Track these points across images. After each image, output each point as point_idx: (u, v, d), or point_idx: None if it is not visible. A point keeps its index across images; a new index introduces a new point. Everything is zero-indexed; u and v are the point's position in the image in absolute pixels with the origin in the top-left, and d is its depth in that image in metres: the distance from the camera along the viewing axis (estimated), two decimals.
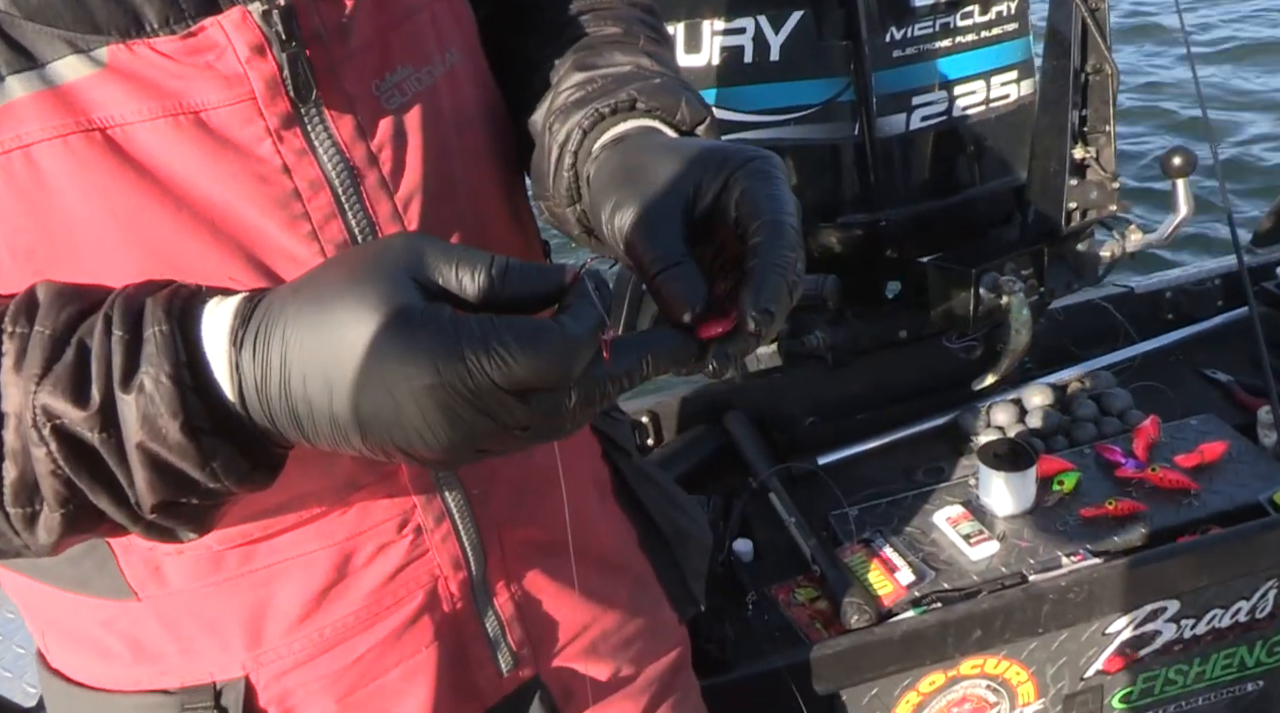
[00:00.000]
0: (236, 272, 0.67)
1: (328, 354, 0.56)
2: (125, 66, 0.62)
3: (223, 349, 0.58)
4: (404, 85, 0.73)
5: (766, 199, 0.64)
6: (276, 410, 0.58)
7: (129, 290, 0.59)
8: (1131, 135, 5.02)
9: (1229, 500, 1.61)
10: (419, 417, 0.55)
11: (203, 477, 0.58)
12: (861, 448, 1.82)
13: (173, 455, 0.57)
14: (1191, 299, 2.11)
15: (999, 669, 1.52)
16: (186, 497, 0.59)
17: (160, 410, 0.56)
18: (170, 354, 0.57)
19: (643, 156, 0.70)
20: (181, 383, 0.57)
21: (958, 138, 1.72)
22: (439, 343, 0.54)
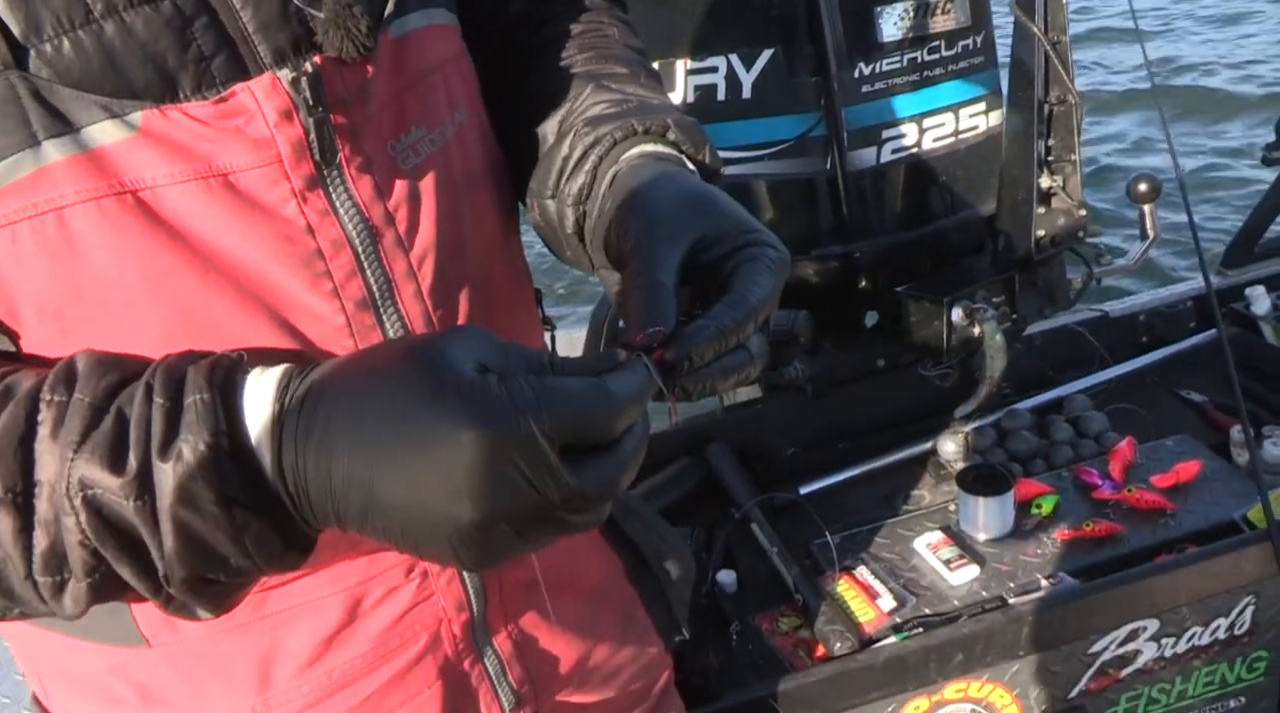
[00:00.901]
0: (261, 329, 0.69)
1: (371, 426, 0.56)
2: (158, 131, 0.64)
3: (264, 421, 0.58)
4: (418, 146, 0.75)
5: (751, 281, 0.67)
6: (313, 490, 0.57)
7: (171, 359, 0.60)
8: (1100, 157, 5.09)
9: (1204, 519, 1.63)
10: (463, 487, 0.54)
11: (234, 552, 0.58)
12: (842, 477, 1.84)
13: (206, 526, 0.57)
14: (1165, 322, 2.14)
15: (983, 693, 1.54)
16: (215, 573, 0.59)
17: (197, 478, 0.56)
18: (210, 422, 0.57)
19: (667, 183, 0.73)
20: (220, 451, 0.56)
21: (928, 170, 1.76)
22: (490, 404, 0.54)
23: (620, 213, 0.73)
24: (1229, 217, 4.35)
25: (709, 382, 0.65)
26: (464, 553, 0.57)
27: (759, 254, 0.68)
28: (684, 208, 0.71)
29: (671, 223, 0.70)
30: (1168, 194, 1.93)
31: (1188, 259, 3.79)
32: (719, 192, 0.75)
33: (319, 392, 0.58)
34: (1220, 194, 4.78)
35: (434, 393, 0.55)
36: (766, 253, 0.69)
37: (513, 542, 0.57)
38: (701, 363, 0.64)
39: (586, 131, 0.79)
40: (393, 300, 0.75)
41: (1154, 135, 5.38)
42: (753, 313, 0.66)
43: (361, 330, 0.73)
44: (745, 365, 0.67)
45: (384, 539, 0.58)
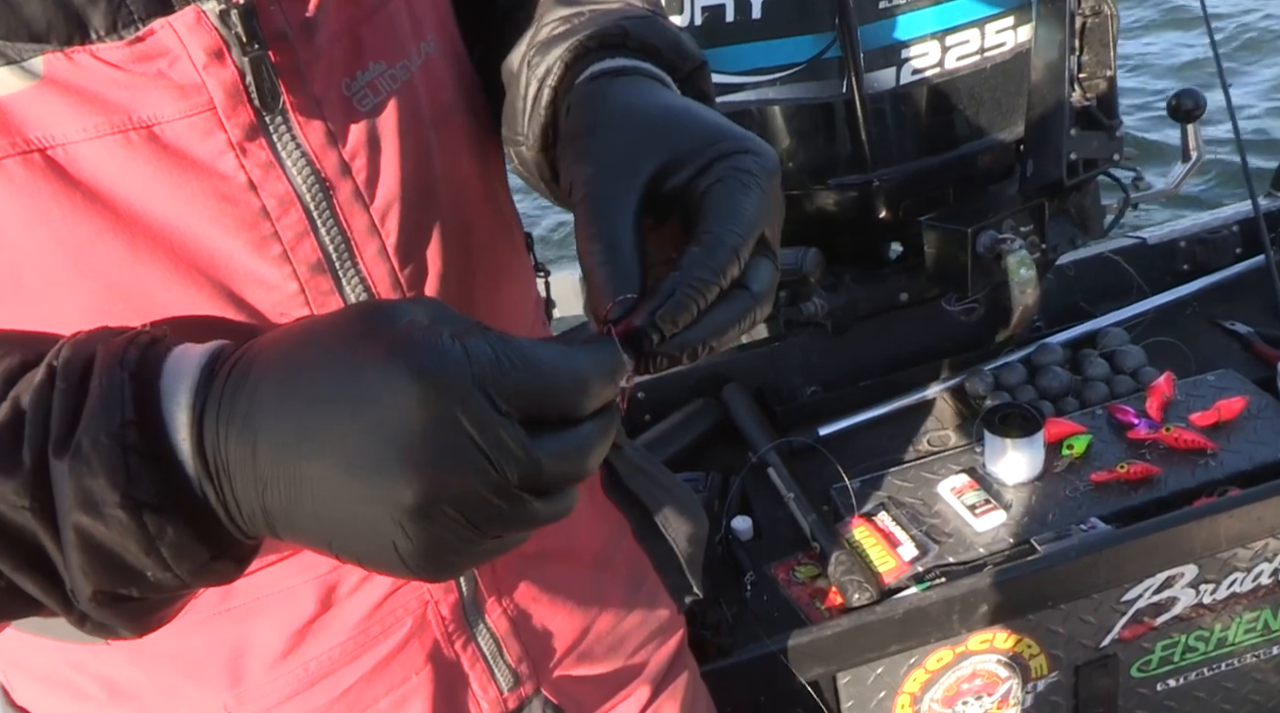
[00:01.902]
0: (202, 302, 0.61)
1: (302, 392, 0.48)
2: (64, 78, 0.55)
3: (184, 405, 0.49)
4: (377, 83, 0.66)
5: (725, 209, 0.57)
6: (237, 477, 0.49)
7: (81, 336, 0.52)
8: (1136, 80, 4.90)
9: (1248, 460, 1.54)
10: (403, 453, 0.46)
11: (149, 564, 0.49)
12: (863, 417, 1.76)
13: (112, 535, 0.48)
14: (1208, 248, 2.02)
15: (1009, 644, 1.47)
16: (129, 588, 0.50)
17: (98, 478, 0.47)
18: (114, 409, 0.48)
19: (618, 110, 0.63)
20: (125, 445, 0.48)
21: (951, 91, 1.65)
22: (439, 355, 0.47)
23: (566, 159, 0.63)
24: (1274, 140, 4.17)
25: (700, 344, 0.56)
26: (406, 545, 0.48)
27: (733, 168, 0.58)
28: (638, 135, 0.61)
29: (624, 158, 0.60)
30: (1211, 113, 1.80)
31: (1233, 184, 3.63)
32: (684, 102, 0.65)
33: (250, 358, 0.50)
34: (1270, 113, 4.58)
35: (376, 342, 0.48)
36: (741, 163, 0.59)
37: (465, 535, 0.48)
38: (677, 329, 0.55)
39: (537, 61, 0.69)
40: (353, 261, 0.66)
41: (1196, 50, 5.16)
42: (734, 250, 0.56)
43: (318, 297, 0.65)
44: (746, 312, 0.58)
45: (314, 538, 0.50)
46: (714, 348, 0.57)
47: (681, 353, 0.56)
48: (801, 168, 1.69)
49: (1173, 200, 1.94)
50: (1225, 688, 1.60)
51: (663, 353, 0.55)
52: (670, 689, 1.00)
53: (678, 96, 0.67)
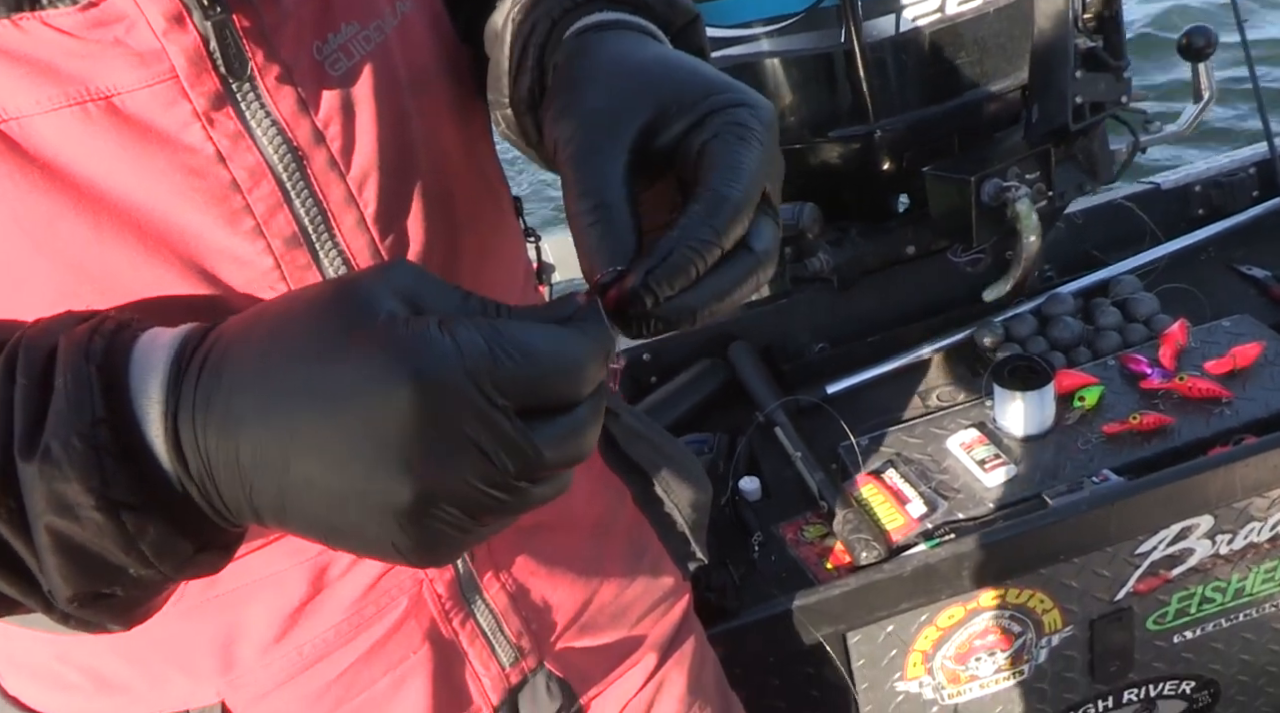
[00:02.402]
0: (173, 281, 0.59)
1: (283, 386, 0.45)
2: (13, 48, 0.53)
3: (156, 400, 0.47)
4: (350, 46, 0.63)
5: (725, 165, 0.54)
6: (221, 475, 0.47)
7: (40, 325, 0.49)
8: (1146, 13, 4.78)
9: (1265, 407, 1.51)
10: (400, 456, 0.45)
11: (130, 562, 0.47)
12: (871, 373, 1.74)
13: (89, 536, 0.46)
14: (1223, 192, 1.97)
15: (1021, 599, 1.45)
16: (110, 586, 0.48)
17: (70, 481, 0.45)
18: (84, 407, 0.46)
19: (605, 63, 0.60)
20: (98, 445, 0.46)
21: (954, 37, 1.60)
22: (431, 352, 0.45)
23: (550, 117, 0.60)
24: None
25: (701, 310, 0.53)
26: (404, 542, 0.47)
27: (730, 122, 0.55)
28: (625, 88, 0.58)
29: (610, 112, 0.57)
30: (1225, 49, 1.75)
31: (1248, 124, 3.55)
32: (675, 54, 0.62)
33: (222, 351, 0.48)
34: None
35: (360, 341, 0.45)
36: (738, 117, 0.55)
37: (463, 525, 0.47)
38: (673, 293, 0.52)
39: (520, 17, 0.66)
40: (330, 234, 0.64)
41: None
42: (737, 208, 0.53)
43: (295, 272, 0.63)
44: (749, 274, 0.54)
45: (308, 532, 0.48)
46: (714, 313, 0.54)
47: (680, 319, 0.53)
48: (802, 121, 1.66)
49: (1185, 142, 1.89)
50: (1244, 638, 1.58)
51: (658, 317, 0.52)
52: (677, 656, 0.98)
53: (669, 49, 0.64)
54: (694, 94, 0.57)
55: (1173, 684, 1.60)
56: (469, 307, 0.49)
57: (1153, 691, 1.59)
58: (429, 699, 0.79)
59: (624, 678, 0.93)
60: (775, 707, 1.44)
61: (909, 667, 1.46)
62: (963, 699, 1.51)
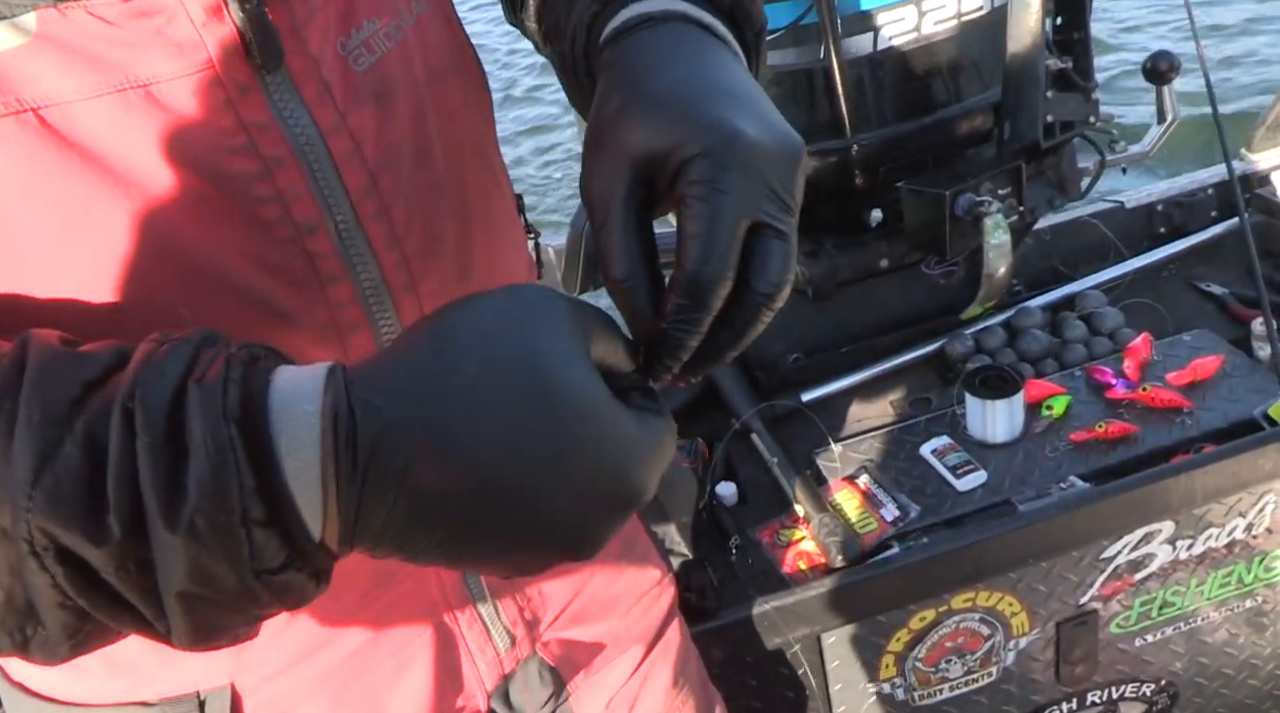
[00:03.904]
0: (202, 265, 0.61)
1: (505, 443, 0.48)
2: (58, 35, 0.54)
3: (314, 463, 0.45)
4: (371, 42, 0.67)
5: (694, 238, 0.53)
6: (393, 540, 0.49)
7: (149, 355, 0.46)
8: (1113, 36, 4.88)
9: (1223, 417, 1.56)
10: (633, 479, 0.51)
11: (254, 613, 0.48)
12: (846, 382, 1.78)
13: (226, 599, 0.46)
14: (1184, 211, 2.04)
15: (991, 602, 1.49)
16: (235, 630, 0.49)
17: (219, 563, 0.44)
18: (228, 479, 0.43)
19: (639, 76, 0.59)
20: (247, 521, 0.44)
21: (929, 55, 1.65)
22: (637, 448, 0.51)
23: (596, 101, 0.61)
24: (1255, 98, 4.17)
25: (720, 357, 0.57)
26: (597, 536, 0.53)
27: (693, 180, 0.54)
28: (637, 114, 0.57)
29: (620, 141, 0.56)
30: (1188, 71, 1.81)
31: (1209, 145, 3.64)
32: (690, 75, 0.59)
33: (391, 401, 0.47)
34: (1245, 77, 4.59)
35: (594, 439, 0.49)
36: (699, 171, 0.53)
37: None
38: (681, 362, 0.55)
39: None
40: (352, 219, 0.66)
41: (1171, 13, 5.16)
42: (711, 282, 0.53)
43: (318, 256, 0.65)
44: (758, 311, 0.55)
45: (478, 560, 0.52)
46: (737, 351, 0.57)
47: (703, 370, 0.57)
48: None
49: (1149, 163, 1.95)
50: (1201, 642, 1.63)
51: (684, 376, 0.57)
52: (662, 649, 1.01)
53: (695, 66, 0.60)
54: (683, 136, 0.55)
55: (1134, 687, 1.64)
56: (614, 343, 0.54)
57: (1115, 693, 1.64)
58: (430, 683, 0.81)
59: (611, 668, 0.96)
60: (751, 707, 1.47)
61: (882, 668, 1.50)
62: (933, 701, 1.55)
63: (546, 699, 0.89)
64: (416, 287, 0.70)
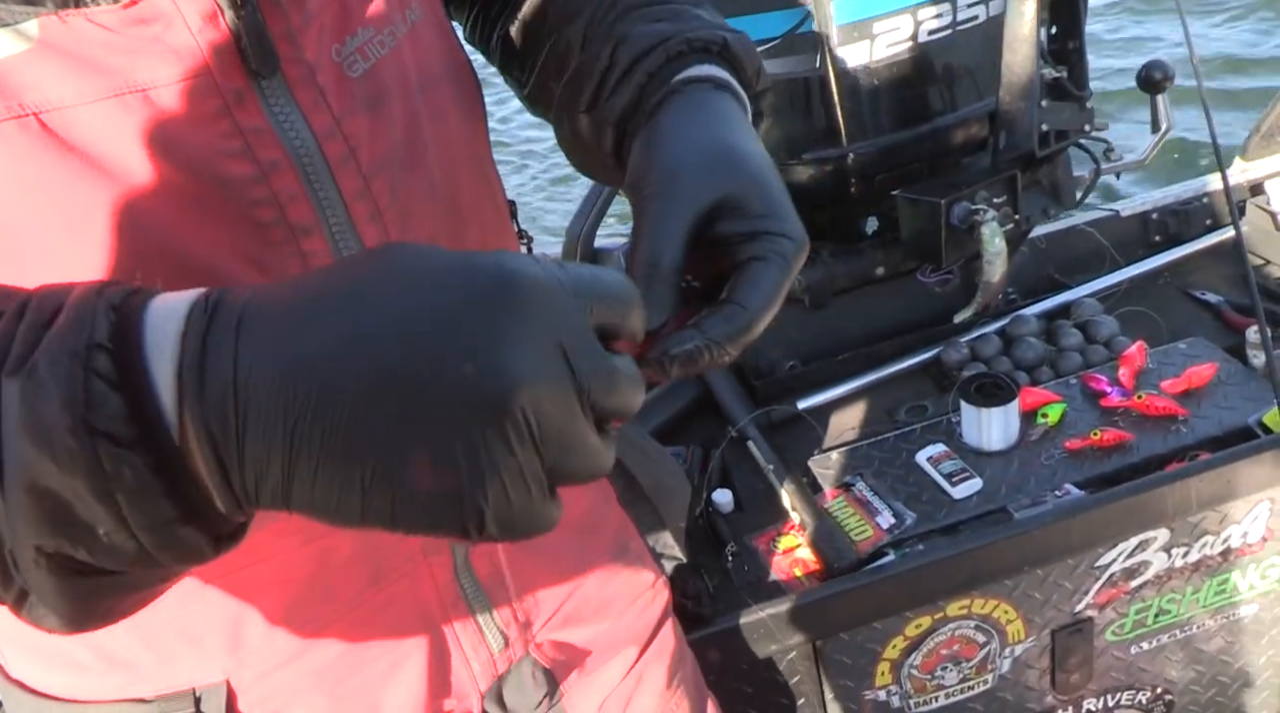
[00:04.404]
0: (200, 267, 0.62)
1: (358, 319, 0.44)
2: (59, 41, 0.55)
3: (174, 328, 0.44)
4: (366, 49, 0.68)
5: (758, 284, 0.60)
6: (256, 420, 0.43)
7: (64, 285, 0.47)
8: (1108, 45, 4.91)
9: (1218, 425, 1.57)
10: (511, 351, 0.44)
11: (100, 515, 0.42)
12: (842, 390, 1.78)
13: (59, 473, 0.41)
14: (1179, 219, 2.05)
15: (986, 609, 1.49)
16: (75, 545, 0.43)
17: (50, 401, 0.41)
18: (83, 330, 0.43)
19: (698, 131, 0.66)
20: (88, 366, 0.42)
21: (925, 65, 1.66)
22: (532, 270, 0.46)
23: (641, 157, 0.65)
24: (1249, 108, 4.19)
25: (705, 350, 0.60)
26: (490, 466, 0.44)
27: (775, 250, 0.62)
28: (709, 163, 0.63)
29: (691, 181, 0.62)
30: (1182, 84, 1.82)
31: (1204, 154, 3.66)
32: (754, 146, 0.67)
33: (268, 299, 0.45)
34: (1239, 86, 4.61)
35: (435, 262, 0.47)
36: (783, 247, 0.62)
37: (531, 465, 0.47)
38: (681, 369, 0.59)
39: (632, 43, 0.70)
40: (346, 223, 0.67)
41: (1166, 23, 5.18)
42: (749, 325, 0.60)
43: (313, 259, 0.66)
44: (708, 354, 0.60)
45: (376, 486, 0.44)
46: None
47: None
48: (776, 143, 1.70)
49: (1143, 171, 1.96)
50: (1197, 650, 1.64)
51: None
52: (656, 652, 1.01)
53: (749, 133, 0.68)
54: (758, 207, 0.62)
55: (1129, 695, 1.65)
56: None
57: (1110, 701, 1.64)
58: (424, 681, 0.82)
59: (604, 669, 0.96)
60: None
61: (877, 675, 1.50)
62: (929, 708, 1.55)
63: (540, 700, 0.89)
64: None
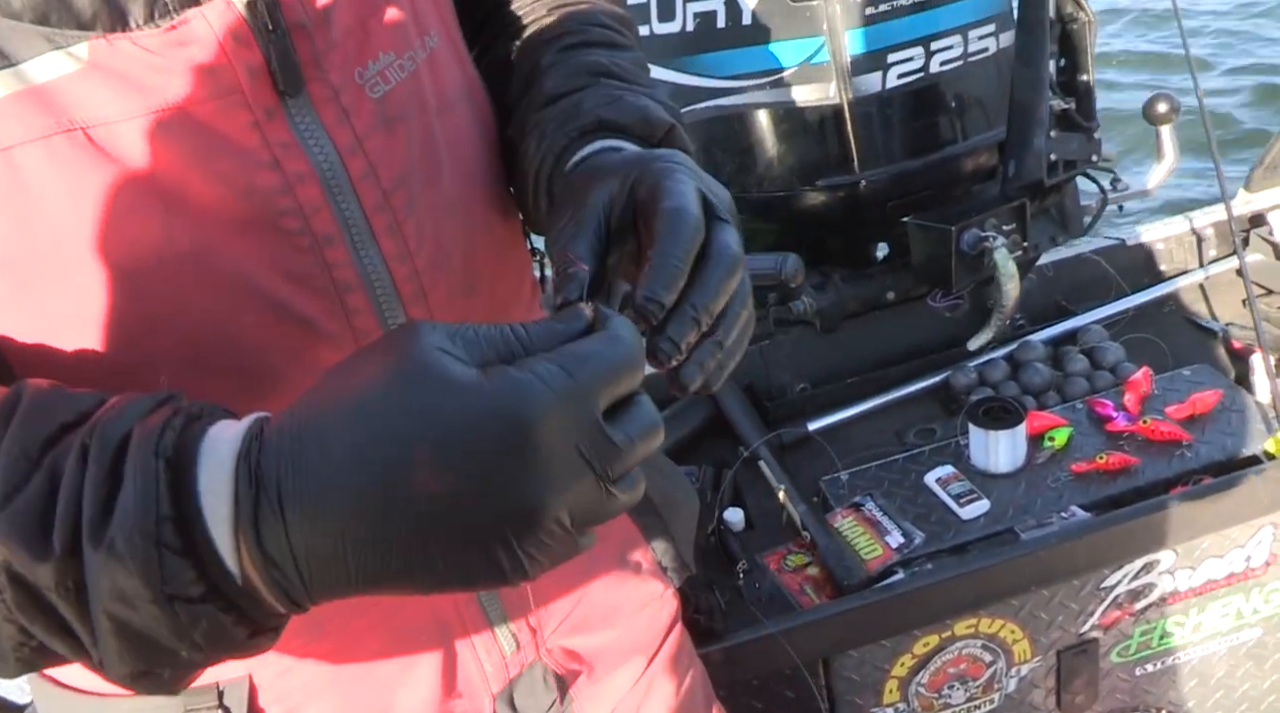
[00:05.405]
0: (229, 277, 0.66)
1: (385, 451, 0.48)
2: (106, 63, 0.61)
3: (224, 499, 0.49)
4: (387, 73, 0.72)
5: (664, 191, 0.64)
6: (314, 562, 0.49)
7: (116, 407, 0.52)
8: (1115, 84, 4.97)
9: (1222, 450, 1.60)
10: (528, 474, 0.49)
11: (182, 647, 0.50)
12: (852, 412, 1.81)
13: (145, 622, 0.49)
14: (1184, 249, 2.08)
15: (993, 629, 1.52)
16: (161, 667, 0.52)
17: (131, 576, 0.47)
18: (150, 505, 0.48)
19: (577, 182, 0.71)
20: (160, 544, 0.48)
21: (936, 94, 1.70)
22: (526, 388, 0.49)
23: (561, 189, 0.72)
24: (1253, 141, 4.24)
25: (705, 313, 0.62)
26: (516, 558, 0.50)
27: (649, 172, 0.66)
28: (583, 196, 0.68)
29: (578, 218, 0.66)
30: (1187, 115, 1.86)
31: (1209, 185, 3.70)
32: (612, 158, 0.72)
33: (297, 436, 0.50)
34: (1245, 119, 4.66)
35: (448, 394, 0.49)
36: (654, 168, 0.66)
37: (565, 536, 0.51)
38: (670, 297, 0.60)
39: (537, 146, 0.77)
40: (366, 234, 0.72)
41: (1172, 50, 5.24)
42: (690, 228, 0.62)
43: (336, 268, 0.71)
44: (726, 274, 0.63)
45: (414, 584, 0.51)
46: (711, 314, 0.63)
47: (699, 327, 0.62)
48: (791, 170, 1.74)
49: (1150, 201, 2.00)
50: (1201, 673, 1.66)
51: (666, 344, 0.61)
52: (666, 662, 1.03)
53: (615, 156, 0.72)
54: (624, 173, 0.67)
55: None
56: (496, 341, 0.53)
57: None
58: (437, 682, 0.84)
59: (613, 677, 0.98)
60: None
61: (886, 693, 1.52)
62: None
63: (550, 705, 0.92)
64: (427, 297, 0.75)
